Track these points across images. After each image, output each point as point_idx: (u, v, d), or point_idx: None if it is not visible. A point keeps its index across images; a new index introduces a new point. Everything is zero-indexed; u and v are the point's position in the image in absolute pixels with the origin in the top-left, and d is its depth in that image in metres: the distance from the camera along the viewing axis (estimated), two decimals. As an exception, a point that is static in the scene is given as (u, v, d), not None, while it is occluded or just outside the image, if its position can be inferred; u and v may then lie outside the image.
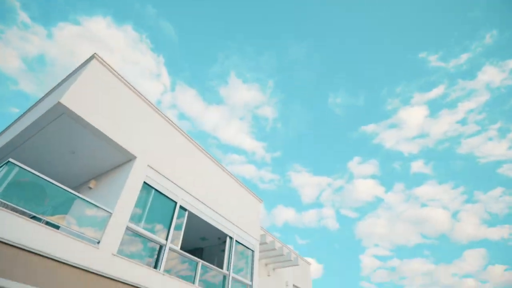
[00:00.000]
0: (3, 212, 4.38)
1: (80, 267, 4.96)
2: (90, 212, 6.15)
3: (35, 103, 7.44)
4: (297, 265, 13.52)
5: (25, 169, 5.08)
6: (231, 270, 8.71)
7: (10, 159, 5.01)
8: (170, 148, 8.26)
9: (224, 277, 8.57)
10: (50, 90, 7.14)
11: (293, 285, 14.37)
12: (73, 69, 6.95)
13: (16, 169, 5.07)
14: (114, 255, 5.65)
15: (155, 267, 6.59)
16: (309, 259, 17.54)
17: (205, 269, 8.11)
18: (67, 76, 6.93)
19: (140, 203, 6.86)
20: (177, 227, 7.52)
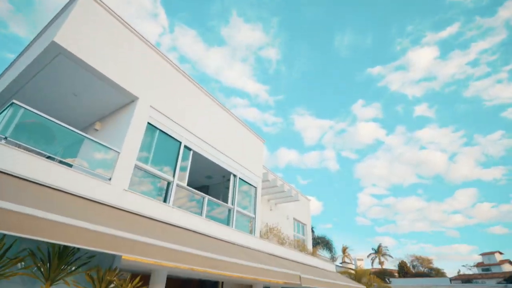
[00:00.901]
0: (22, 153, 4.62)
1: (95, 200, 5.38)
2: (99, 152, 6.42)
3: (30, 44, 7.22)
4: (298, 200, 14.43)
5: (30, 110, 5.18)
6: (235, 205, 9.37)
7: (14, 101, 5.08)
8: (172, 89, 8.22)
9: (229, 210, 9.26)
10: (43, 30, 6.87)
11: (294, 219, 15.54)
12: (63, 5, 6.58)
13: (22, 111, 5.17)
14: (126, 190, 6.06)
15: (164, 201, 7.11)
16: (309, 197, 18.65)
17: (211, 206, 8.72)
18: (58, 13, 6.59)
19: (146, 143, 7.10)
20: (183, 166, 7.89)
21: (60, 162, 5.49)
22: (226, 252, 6.28)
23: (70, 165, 5.66)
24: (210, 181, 11.46)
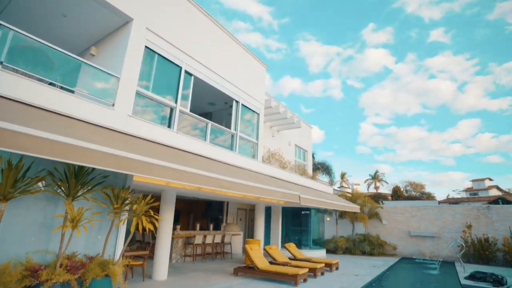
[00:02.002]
0: (23, 79, 4.58)
1: (101, 125, 5.52)
2: (98, 78, 6.32)
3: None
4: (300, 127, 14.71)
5: (19, 32, 4.94)
6: (238, 130, 9.60)
7: (0, 22, 4.80)
8: (169, 11, 7.64)
9: (232, 136, 9.54)
10: None
11: (295, 145, 16.07)
12: None
13: (12, 33, 4.92)
14: (130, 116, 6.16)
15: (169, 127, 7.28)
16: (312, 126, 18.93)
17: (215, 133, 8.94)
18: None
19: (145, 68, 6.92)
20: (184, 94, 7.85)
21: (61, 88, 5.47)
22: (230, 174, 6.68)
23: (72, 91, 5.65)
24: (213, 108, 11.53)
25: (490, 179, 52.90)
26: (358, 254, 16.52)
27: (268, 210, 14.24)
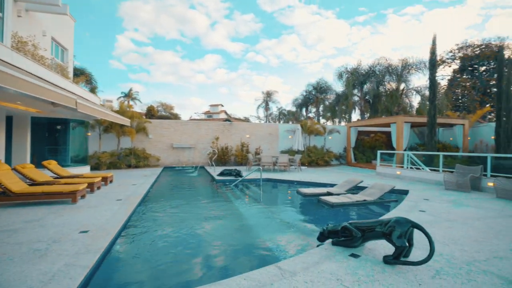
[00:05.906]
0: None
1: None
2: None
3: None
4: (66, 14, 11.01)
5: None
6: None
7: None
8: None
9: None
10: None
11: (52, 39, 12.01)
12: None
13: None
14: None
15: None
16: (75, 19, 14.61)
17: None
18: None
19: None
20: None
21: None
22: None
23: None
24: None
25: (222, 105, 68.66)
26: (124, 168, 16.38)
27: (8, 122, 10.36)
